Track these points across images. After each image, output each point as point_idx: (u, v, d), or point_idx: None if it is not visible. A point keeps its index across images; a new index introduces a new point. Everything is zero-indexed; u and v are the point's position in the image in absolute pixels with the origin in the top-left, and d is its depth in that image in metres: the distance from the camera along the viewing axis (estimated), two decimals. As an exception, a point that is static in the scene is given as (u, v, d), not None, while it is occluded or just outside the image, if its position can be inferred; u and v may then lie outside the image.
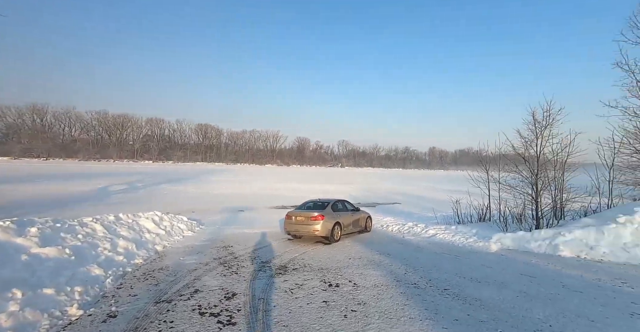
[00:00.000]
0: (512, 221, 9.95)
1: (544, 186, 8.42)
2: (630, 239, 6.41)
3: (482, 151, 11.96)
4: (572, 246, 6.83)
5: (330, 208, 9.13)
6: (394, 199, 23.19)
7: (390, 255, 7.16)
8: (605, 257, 6.34)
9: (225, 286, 4.90)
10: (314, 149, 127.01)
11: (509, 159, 9.43)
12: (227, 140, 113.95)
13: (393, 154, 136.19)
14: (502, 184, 9.28)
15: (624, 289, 4.64)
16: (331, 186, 33.76)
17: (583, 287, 4.77)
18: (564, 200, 8.76)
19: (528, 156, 8.54)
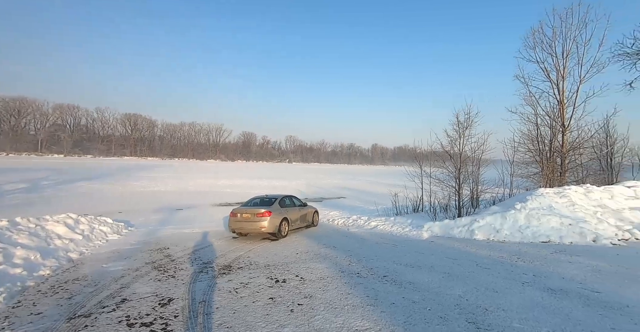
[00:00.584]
0: (440, 210, 11.30)
1: (465, 180, 9.76)
2: (524, 222, 7.87)
3: (417, 148, 13.25)
4: (483, 230, 8.07)
5: (277, 204, 9.04)
6: (340, 193, 24.12)
7: (336, 247, 7.44)
8: (507, 238, 7.67)
9: (160, 291, 4.47)
10: (260, 144, 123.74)
11: (438, 155, 10.65)
12: (163, 133, 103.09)
13: (339, 150, 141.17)
14: (432, 178, 10.45)
15: (518, 263, 5.68)
16: (279, 181, 33.40)
17: (491, 264, 5.69)
18: (479, 191, 10.29)
19: (453, 153, 9.78)
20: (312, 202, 18.16)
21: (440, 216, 10.45)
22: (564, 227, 7.38)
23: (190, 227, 10.21)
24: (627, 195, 10.43)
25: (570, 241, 7.06)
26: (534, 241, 7.34)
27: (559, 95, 15.74)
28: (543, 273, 5.07)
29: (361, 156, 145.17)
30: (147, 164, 56.71)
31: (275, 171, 55.94)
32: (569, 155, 16.09)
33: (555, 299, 3.98)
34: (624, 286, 4.44)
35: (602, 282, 4.57)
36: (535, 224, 7.64)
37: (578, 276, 4.88)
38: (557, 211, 7.93)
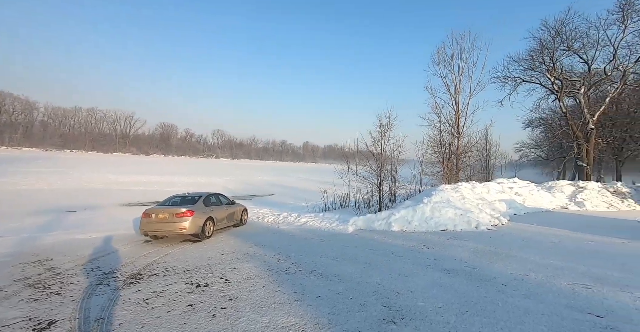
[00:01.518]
0: (364, 205, 12.31)
1: (385, 177, 10.87)
2: (429, 214, 9.25)
3: (345, 147, 14.08)
4: (399, 222, 9.15)
5: (201, 202, 8.37)
6: (270, 191, 23.79)
7: (265, 246, 7.32)
8: (416, 228, 8.88)
9: (36, 314, 3.62)
10: (182, 137, 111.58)
11: (363, 154, 11.56)
12: (47, 118, 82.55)
13: (270, 147, 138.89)
14: (358, 176, 11.29)
15: (423, 250, 6.66)
16: (204, 178, 30.86)
17: (403, 252, 6.50)
18: (396, 187, 11.61)
19: (376, 153, 10.76)
20: (241, 200, 17.39)
21: (364, 210, 11.37)
22: (457, 217, 8.97)
23: (86, 232, 8.59)
24: (497, 189, 13.32)
25: (461, 228, 8.63)
26: (436, 229, 8.69)
27: (455, 106, 19.09)
28: (441, 256, 6.06)
29: (293, 154, 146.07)
30: (20, 156, 44.69)
31: (200, 167, 51.52)
32: (462, 157, 19.69)
33: (448, 278, 4.81)
34: (493, 262, 5.68)
35: (479, 261, 5.74)
36: (437, 216, 9.06)
37: (464, 257, 6.02)
38: (453, 204, 9.59)
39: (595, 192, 14.07)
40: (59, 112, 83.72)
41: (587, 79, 20.99)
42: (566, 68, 21.99)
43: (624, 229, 8.65)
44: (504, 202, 11.52)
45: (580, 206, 13.18)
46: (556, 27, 20.25)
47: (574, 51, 20.69)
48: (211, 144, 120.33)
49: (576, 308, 3.67)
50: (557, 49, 20.64)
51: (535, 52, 21.86)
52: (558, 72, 21.23)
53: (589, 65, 21.04)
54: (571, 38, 20.21)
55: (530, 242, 7.20)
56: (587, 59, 20.89)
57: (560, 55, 21.03)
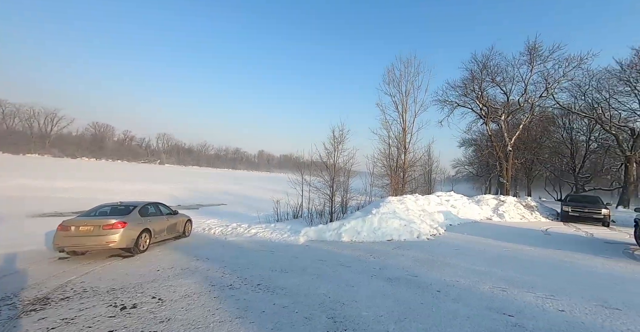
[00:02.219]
0: (316, 216, 12.39)
1: (337, 188, 11.15)
2: (377, 224, 9.71)
3: (300, 158, 14.16)
4: (349, 233, 9.40)
5: (137, 213, 7.55)
6: (221, 199, 22.53)
7: (209, 259, 6.84)
8: (365, 239, 9.22)
9: None
10: (120, 139, 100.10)
11: (317, 165, 11.75)
12: None
13: (223, 154, 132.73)
14: (311, 186, 11.38)
15: (370, 259, 6.92)
16: (144, 185, 27.91)
17: (351, 262, 6.66)
18: (348, 198, 11.97)
19: (329, 164, 11.03)
20: (186, 209, 16.16)
21: (316, 221, 11.44)
22: (401, 228, 9.57)
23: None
24: (437, 202, 14.63)
25: (404, 238, 9.21)
26: (383, 239, 9.14)
27: (402, 124, 20.84)
28: (386, 266, 6.36)
29: (247, 162, 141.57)
30: None
31: (141, 173, 46.62)
32: (408, 171, 21.35)
33: (391, 286, 5.05)
34: (430, 269, 6.16)
35: (419, 269, 6.17)
36: (384, 226, 9.55)
37: (407, 265, 6.41)
38: (399, 215, 10.23)
39: (512, 205, 16.37)
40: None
41: (506, 107, 24.77)
42: (491, 97, 25.74)
43: (532, 238, 10.19)
44: (442, 214, 12.68)
45: (501, 217, 15.17)
46: (483, 62, 23.75)
47: (496, 83, 24.37)
48: (155, 148, 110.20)
49: (494, 309, 4.15)
50: (484, 80, 24.11)
51: (467, 81, 25.18)
52: (485, 100, 24.71)
53: (507, 96, 24.91)
54: (494, 72, 23.84)
55: (461, 250, 8.00)
56: (506, 91, 24.73)
57: (486, 85, 24.57)
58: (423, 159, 24.07)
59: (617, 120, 25.10)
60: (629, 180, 24.70)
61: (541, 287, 5.17)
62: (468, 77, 24.94)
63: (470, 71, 24.61)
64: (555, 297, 4.72)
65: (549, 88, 22.98)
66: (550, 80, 22.56)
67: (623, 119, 25.27)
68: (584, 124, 30.84)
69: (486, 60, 23.56)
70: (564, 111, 28.07)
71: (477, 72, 24.10)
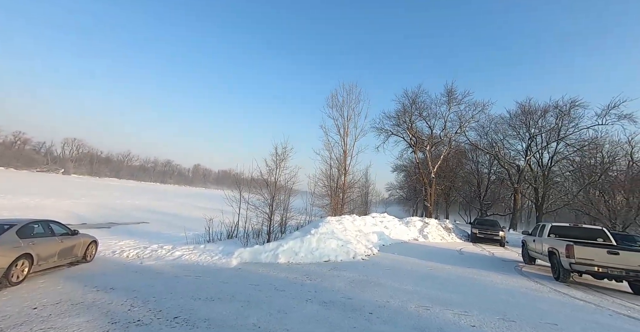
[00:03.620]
0: (253, 236, 11.68)
1: (277, 207, 10.81)
2: (315, 244, 9.61)
3: (240, 174, 13.45)
4: (286, 254, 9.04)
5: (13, 233, 5.94)
6: (140, 217, 19.62)
7: (115, 289, 5.67)
8: (303, 260, 8.97)
9: None
10: (8, 142, 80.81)
11: (257, 182, 11.29)
12: None
13: (150, 166, 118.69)
14: (249, 204, 10.78)
15: (306, 282, 6.69)
16: (38, 199, 22.66)
17: (286, 286, 6.32)
18: (288, 218, 11.67)
19: (270, 181, 10.70)
20: (93, 229, 13.58)
21: (252, 241, 10.75)
22: (338, 248, 9.65)
23: None
24: (372, 223, 15.40)
25: (341, 258, 9.27)
26: (320, 260, 9.02)
27: (344, 146, 22.00)
28: (321, 288, 6.21)
29: (179, 176, 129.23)
30: None
31: (36, 184, 38.13)
32: (347, 192, 22.26)
33: (325, 310, 4.90)
34: (364, 290, 6.24)
35: (353, 290, 6.19)
36: (322, 246, 9.49)
37: (342, 287, 6.38)
38: (337, 235, 10.35)
39: (435, 227, 18.30)
40: None
41: (430, 139, 28.48)
42: (419, 129, 29.39)
43: (450, 257, 11.40)
44: (376, 234, 13.33)
45: (425, 238, 16.73)
46: (412, 97, 27.29)
47: (423, 118, 28.07)
48: (59, 155, 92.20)
49: (419, 328, 4.35)
50: (413, 113, 27.55)
51: (400, 113, 28.41)
52: (414, 131, 28.07)
53: (431, 130, 28.79)
54: (421, 107, 27.51)
55: (393, 270, 8.40)
56: (430, 125, 28.63)
57: (415, 118, 28.07)
58: (361, 181, 25.53)
59: (508, 157, 31.14)
60: (516, 207, 30.32)
61: (457, 304, 5.67)
62: (400, 110, 28.20)
63: (402, 104, 27.91)
64: (468, 313, 5.21)
65: (462, 126, 27.43)
66: (463, 119, 27.04)
67: (512, 157, 31.48)
68: (486, 159, 37.35)
69: (415, 97, 27.12)
70: (472, 147, 33.65)
71: (408, 106, 27.46)
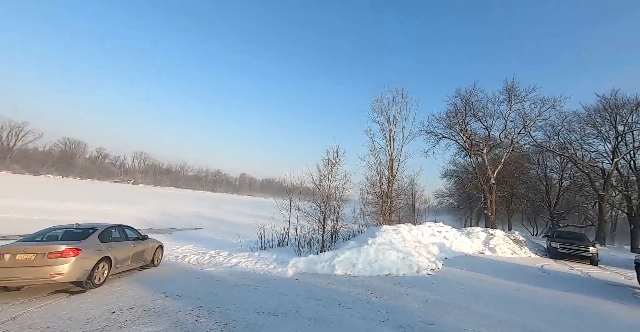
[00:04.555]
0: (305, 244, 11.36)
1: (329, 215, 10.36)
2: (373, 256, 8.88)
3: (287, 181, 13.36)
4: (343, 265, 8.47)
5: (96, 237, 6.35)
6: (196, 223, 20.81)
7: (181, 296, 5.67)
8: (361, 272, 8.30)
9: None
10: (92, 157, 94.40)
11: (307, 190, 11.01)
12: None
13: (203, 176, 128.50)
14: (301, 211, 10.51)
15: (372, 299, 6.02)
16: (113, 206, 25.56)
17: (351, 302, 5.73)
18: (340, 226, 11.12)
19: (322, 188, 10.34)
20: (158, 234, 14.55)
21: (305, 250, 10.40)
22: (399, 261, 8.79)
23: None
24: (429, 233, 14.07)
25: (403, 272, 8.39)
26: (380, 273, 8.27)
27: (390, 152, 20.91)
28: (393, 308, 5.48)
29: (228, 184, 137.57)
30: None
31: (111, 193, 43.44)
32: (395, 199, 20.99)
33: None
34: (444, 314, 5.36)
35: (431, 313, 5.35)
36: (381, 258, 8.73)
37: (416, 308, 5.57)
38: (396, 246, 9.49)
39: (502, 239, 16.11)
40: None
41: (487, 142, 25.80)
42: (474, 131, 26.85)
43: (531, 276, 9.67)
44: (436, 246, 12.06)
45: (492, 251, 14.75)
46: (466, 97, 25.05)
47: (478, 118, 25.56)
48: (130, 167, 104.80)
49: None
50: (467, 114, 25.27)
51: (451, 114, 26.27)
52: (468, 133, 25.68)
53: (488, 131, 26.08)
54: (476, 107, 25.11)
55: (467, 290, 7.28)
56: (487, 126, 25.95)
57: (469, 119, 25.70)
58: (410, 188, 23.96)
59: (588, 160, 26.69)
60: (602, 218, 25.62)
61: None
62: (452, 111, 26.10)
63: (454, 105, 25.82)
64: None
65: (527, 126, 24.35)
66: (527, 119, 24.00)
67: (593, 159, 26.92)
68: (556, 162, 32.63)
69: (469, 96, 24.91)
70: (539, 149, 29.67)
71: (461, 106, 25.31)
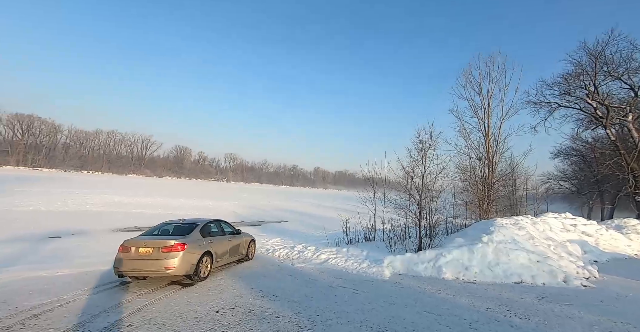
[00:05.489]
0: (395, 240, 10.11)
1: (425, 205, 8.80)
2: (492, 257, 7.02)
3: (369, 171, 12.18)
4: (451, 267, 6.93)
5: (197, 232, 6.54)
6: (281, 216, 21.76)
7: (278, 297, 5.28)
8: (478, 277, 6.62)
9: None
10: (196, 160, 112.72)
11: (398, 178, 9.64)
12: (69, 141, 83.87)
13: (281, 171, 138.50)
14: (391, 203, 9.28)
15: (514, 320, 4.43)
16: (212, 201, 29.29)
17: (485, 323, 4.30)
18: (438, 220, 9.42)
19: (416, 175, 8.83)
20: (249, 226, 15.51)
21: (398, 247, 9.18)
22: (533, 265, 6.70)
23: (58, 267, 6.88)
24: (559, 227, 10.88)
25: (542, 281, 6.32)
26: (506, 281, 6.42)
27: (484, 131, 17.25)
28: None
29: (303, 178, 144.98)
30: (35, 176, 44.81)
31: (210, 190, 50.44)
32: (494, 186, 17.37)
33: None
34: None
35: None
36: (504, 261, 6.82)
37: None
38: (522, 245, 7.34)
39: (679, 234, 11.36)
40: (81, 135, 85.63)
41: (633, 105, 18.99)
42: (612, 92, 20.13)
43: None
44: (576, 244, 9.11)
45: (666, 252, 10.49)
46: (596, 50, 18.79)
47: (617, 76, 18.95)
48: (223, 167, 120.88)
49: None
50: (599, 72, 19.00)
51: (571, 76, 20.24)
52: (601, 97, 19.39)
53: (634, 91, 19.15)
54: (613, 62, 18.62)
55: (667, 313, 4.84)
56: (633, 85, 19.06)
57: (601, 79, 19.33)
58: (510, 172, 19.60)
59: None
60: None
61: None
62: (573, 71, 20.09)
63: (576, 64, 19.80)
64: None
65: None
66: None
67: None
68: None
69: (601, 48, 18.59)
70: None
71: (589, 63, 19.20)
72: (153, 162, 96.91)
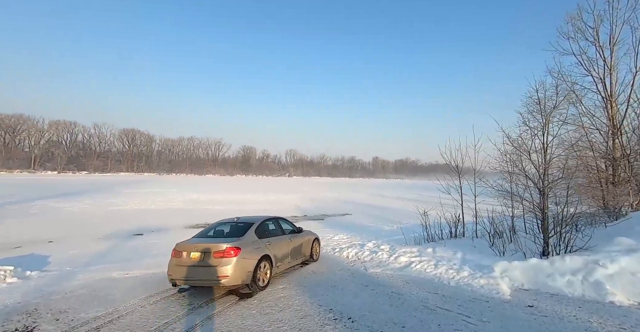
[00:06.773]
0: (497, 238, 7.63)
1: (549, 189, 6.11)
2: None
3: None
4: (622, 284, 4.39)
5: (252, 233, 5.46)
6: (343, 209, 20.41)
7: (355, 322, 3.80)
8: (681, 303, 3.99)
9: None
10: (260, 158, 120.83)
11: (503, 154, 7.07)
12: (161, 148, 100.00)
13: (340, 164, 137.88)
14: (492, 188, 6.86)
15: None
16: (276, 195, 29.81)
17: None
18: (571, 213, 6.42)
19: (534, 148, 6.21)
20: (311, 221, 14.47)
21: (510, 248, 6.74)
22: None
23: (129, 267, 6.80)
24: None
25: None
26: None
27: (606, 92, 12.41)
28: None
29: (362, 169, 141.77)
30: (139, 180, 53.09)
31: (274, 185, 52.47)
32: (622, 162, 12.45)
33: None
34: None
35: None
36: None
37: None
38: None
39: None
40: (168, 143, 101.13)
41: None
42: None
43: None
44: None
45: None
46: None
47: None
48: (284, 163, 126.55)
49: None
50: None
51: None
52: None
53: None
54: None
55: None
56: None
57: None
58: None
59: None
60: None
61: None
62: None
63: None
64: None
65: None
66: None
67: None
68: None
69: None
70: None
71: None
72: (225, 162, 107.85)
